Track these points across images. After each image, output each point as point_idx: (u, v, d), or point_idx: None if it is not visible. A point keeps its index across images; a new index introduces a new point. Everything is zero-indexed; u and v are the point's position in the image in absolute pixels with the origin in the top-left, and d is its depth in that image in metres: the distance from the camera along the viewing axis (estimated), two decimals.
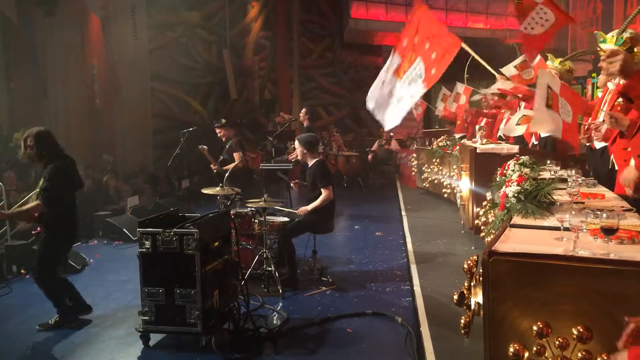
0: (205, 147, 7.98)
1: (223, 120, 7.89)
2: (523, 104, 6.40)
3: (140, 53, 14.64)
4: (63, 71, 12.22)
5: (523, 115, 5.11)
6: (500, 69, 5.72)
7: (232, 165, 7.58)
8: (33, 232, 5.11)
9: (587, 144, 5.05)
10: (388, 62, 5.22)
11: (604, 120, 3.86)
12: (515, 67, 5.40)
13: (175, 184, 12.14)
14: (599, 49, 4.34)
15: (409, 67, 4.95)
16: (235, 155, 7.73)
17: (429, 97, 12.60)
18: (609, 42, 4.09)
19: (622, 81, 4.26)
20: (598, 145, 4.69)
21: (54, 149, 4.76)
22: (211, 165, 7.90)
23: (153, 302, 4.19)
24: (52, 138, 4.79)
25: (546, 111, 3.45)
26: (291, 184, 6.43)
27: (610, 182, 4.25)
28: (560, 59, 5.74)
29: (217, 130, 7.95)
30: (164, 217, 4.59)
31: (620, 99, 4.25)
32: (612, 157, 4.34)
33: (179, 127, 9.67)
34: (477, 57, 5.39)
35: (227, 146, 7.90)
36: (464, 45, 5.11)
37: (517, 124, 4.95)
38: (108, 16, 13.43)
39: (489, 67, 5.54)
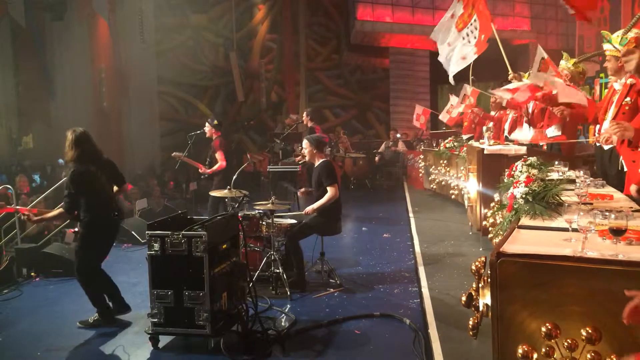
0: (178, 153, 7.78)
1: (215, 122, 7.77)
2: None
3: (148, 56, 14.74)
4: (71, 75, 12.31)
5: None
6: (530, 73, 5.72)
7: (216, 166, 7.52)
8: (70, 230, 5.24)
9: (597, 144, 5.03)
10: (452, 6, 5.57)
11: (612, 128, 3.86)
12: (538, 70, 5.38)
13: (183, 187, 12.19)
14: (604, 48, 4.33)
15: (468, 22, 5.28)
16: (217, 155, 7.57)
17: (435, 103, 12.59)
18: (614, 42, 4.08)
19: (629, 80, 4.25)
20: (606, 146, 4.67)
21: (84, 154, 4.79)
22: (200, 170, 7.76)
23: (162, 304, 4.21)
24: (88, 143, 4.84)
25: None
26: (298, 193, 6.42)
27: (619, 183, 4.24)
28: (574, 60, 5.73)
29: (206, 128, 7.79)
30: (173, 219, 4.61)
31: (628, 99, 4.24)
32: (620, 158, 4.32)
33: (187, 130, 9.71)
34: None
35: (211, 146, 7.76)
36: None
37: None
38: (116, 20, 13.52)
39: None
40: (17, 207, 5.36)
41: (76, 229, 4.92)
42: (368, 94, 18.20)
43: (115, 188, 5.10)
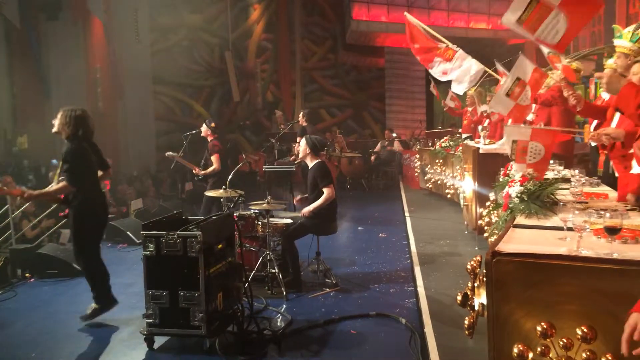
0: (172, 153, 7.74)
1: (212, 124, 7.75)
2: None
3: (143, 56, 14.70)
4: (66, 75, 12.27)
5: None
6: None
7: (210, 169, 7.51)
8: (60, 214, 5.22)
9: (593, 144, 5.03)
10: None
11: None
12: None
13: (179, 187, 12.16)
14: (614, 44, 4.29)
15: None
16: (213, 158, 7.55)
17: (431, 102, 12.56)
18: (624, 38, 4.06)
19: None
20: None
21: (81, 133, 4.83)
22: (193, 171, 7.76)
23: (157, 304, 4.19)
24: (86, 122, 4.89)
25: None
26: (294, 201, 6.41)
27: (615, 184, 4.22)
28: (567, 59, 5.71)
29: (202, 129, 7.79)
30: (168, 220, 4.59)
31: None
32: (611, 163, 4.31)
33: (182, 130, 9.69)
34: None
35: (207, 148, 7.77)
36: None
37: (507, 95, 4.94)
38: (111, 20, 13.49)
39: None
40: (5, 188, 5.23)
41: (67, 211, 4.87)
42: (364, 94, 18.21)
43: (99, 172, 5.10)
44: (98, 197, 4.97)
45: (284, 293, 5.35)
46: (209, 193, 6.52)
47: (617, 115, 4.28)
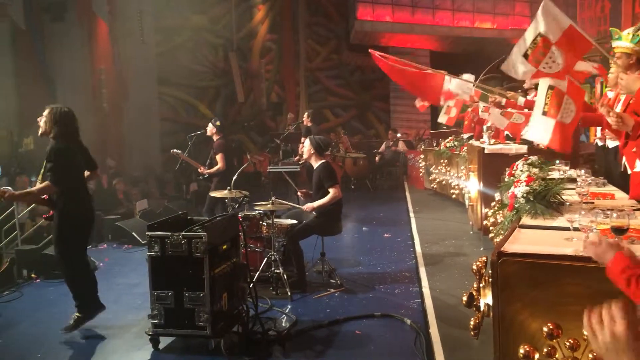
0: (177, 150, 7.75)
1: (218, 123, 7.74)
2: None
3: (148, 57, 14.72)
4: (71, 76, 12.28)
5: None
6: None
7: (215, 168, 7.52)
8: (44, 215, 5.11)
9: (600, 144, 5.00)
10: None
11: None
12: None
13: (184, 188, 12.18)
14: (613, 45, 4.28)
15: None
16: (218, 157, 7.57)
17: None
18: (624, 40, 4.05)
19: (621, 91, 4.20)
20: (611, 144, 4.64)
21: (66, 132, 4.73)
22: (199, 170, 7.75)
23: (162, 305, 4.20)
24: (72, 122, 4.79)
25: (541, 118, 3.30)
26: (299, 193, 6.40)
27: (624, 183, 4.20)
28: None
29: (208, 128, 7.78)
30: (173, 220, 4.60)
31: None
32: (624, 159, 4.29)
33: (187, 131, 9.70)
34: None
35: (213, 147, 7.76)
36: None
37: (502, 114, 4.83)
38: (115, 21, 13.51)
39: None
40: None
41: (51, 212, 4.76)
42: (368, 94, 18.19)
43: (86, 173, 4.98)
44: (84, 199, 4.80)
45: (289, 293, 5.35)
46: (213, 193, 6.54)
47: (617, 108, 4.25)
